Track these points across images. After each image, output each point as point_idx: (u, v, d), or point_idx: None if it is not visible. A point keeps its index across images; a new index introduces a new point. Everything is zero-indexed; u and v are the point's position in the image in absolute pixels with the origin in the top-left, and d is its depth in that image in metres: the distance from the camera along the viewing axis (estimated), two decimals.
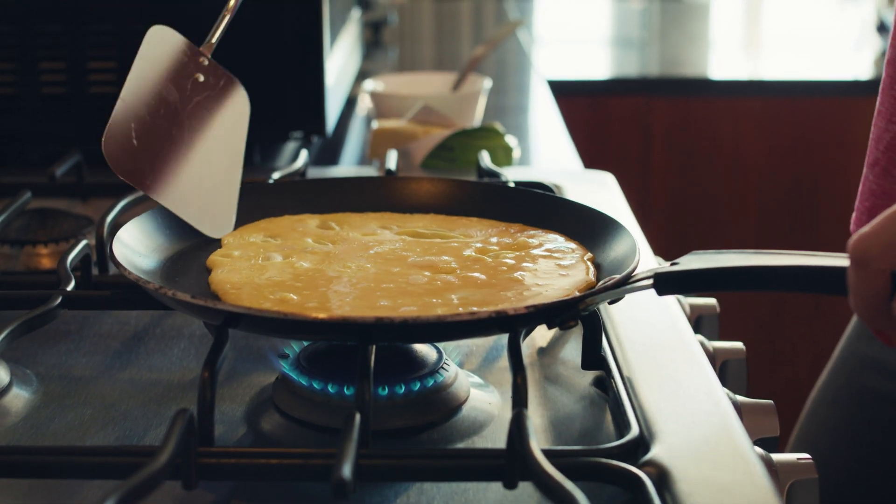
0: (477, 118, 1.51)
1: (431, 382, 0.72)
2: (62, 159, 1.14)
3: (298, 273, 0.78)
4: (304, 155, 1.14)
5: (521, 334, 0.70)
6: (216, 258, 0.82)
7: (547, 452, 0.59)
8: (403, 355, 0.74)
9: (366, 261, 0.81)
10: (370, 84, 1.58)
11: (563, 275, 0.78)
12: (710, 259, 0.69)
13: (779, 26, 3.24)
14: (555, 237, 0.86)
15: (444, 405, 0.72)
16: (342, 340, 0.73)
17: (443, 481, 0.64)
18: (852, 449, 1.08)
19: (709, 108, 2.32)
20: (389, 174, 1.08)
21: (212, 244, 0.85)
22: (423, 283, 0.77)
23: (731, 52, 2.92)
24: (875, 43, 2.66)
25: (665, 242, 2.10)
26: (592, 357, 0.76)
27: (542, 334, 0.85)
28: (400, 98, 1.50)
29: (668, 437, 0.65)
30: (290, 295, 0.74)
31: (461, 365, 0.80)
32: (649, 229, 1.20)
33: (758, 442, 0.72)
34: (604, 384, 0.75)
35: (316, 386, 0.71)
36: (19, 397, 0.75)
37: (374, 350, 0.68)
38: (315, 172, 1.24)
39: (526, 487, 0.61)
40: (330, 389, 0.71)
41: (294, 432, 0.70)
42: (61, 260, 0.85)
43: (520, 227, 0.88)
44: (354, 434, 0.59)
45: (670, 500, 0.59)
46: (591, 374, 0.78)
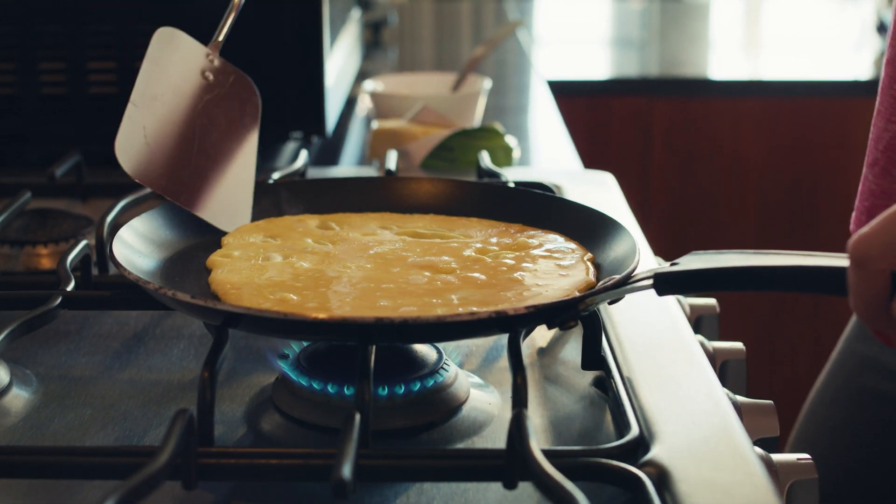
0: (477, 118, 1.51)
1: (431, 383, 0.72)
2: (62, 159, 1.14)
3: (298, 273, 0.78)
4: (303, 155, 1.14)
5: (521, 334, 0.70)
6: (216, 258, 0.82)
7: (547, 453, 0.59)
8: (403, 355, 0.74)
9: (366, 261, 0.81)
10: (370, 84, 1.58)
11: (563, 275, 0.78)
12: (710, 259, 0.69)
13: (779, 26, 3.24)
14: (555, 237, 0.86)
15: (444, 405, 0.72)
16: (342, 341, 0.73)
17: (443, 481, 0.64)
18: (851, 449, 1.08)
19: (709, 108, 2.32)
20: (389, 174, 1.08)
21: (212, 244, 0.85)
22: (423, 283, 0.77)
23: (730, 52, 2.92)
24: (875, 43, 2.66)
25: (665, 242, 2.10)
26: (592, 357, 0.76)
27: (542, 334, 0.85)
28: (400, 98, 1.50)
29: (668, 438, 0.65)
30: (290, 295, 0.74)
31: (461, 365, 0.80)
32: (649, 229, 1.20)
33: (758, 442, 0.72)
34: (604, 384, 0.75)
35: (316, 386, 0.71)
36: (19, 397, 0.75)
37: (374, 350, 0.68)
38: (315, 173, 1.24)
39: (526, 487, 0.61)
40: (330, 390, 0.71)
41: (294, 432, 0.70)
42: (61, 260, 0.85)
43: (520, 228, 0.88)
44: (354, 434, 0.59)
45: (670, 500, 0.59)
46: (590, 375, 0.78)
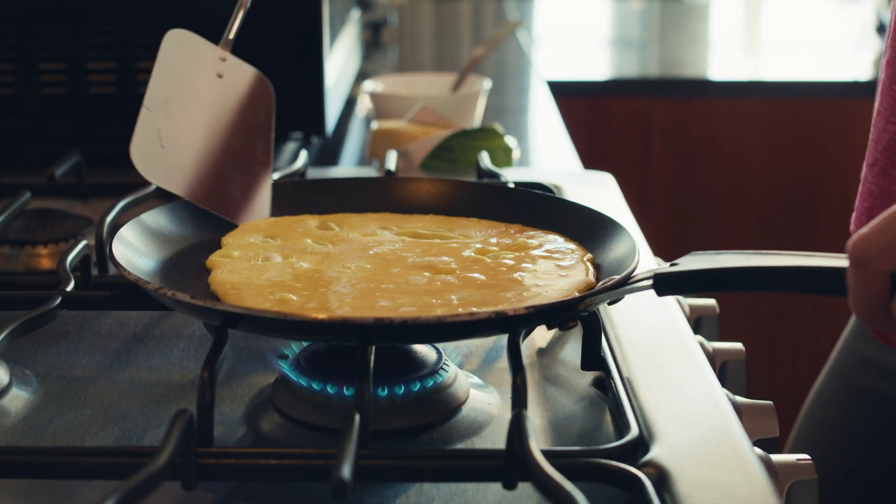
0: (476, 119, 1.51)
1: (431, 383, 0.72)
2: (62, 159, 1.14)
3: (298, 273, 0.78)
4: (303, 155, 1.14)
5: (520, 335, 0.70)
6: (216, 258, 0.82)
7: (546, 453, 0.59)
8: (403, 356, 0.74)
9: (365, 261, 0.81)
10: (370, 85, 1.58)
11: (563, 275, 0.78)
12: (710, 260, 0.69)
13: (778, 27, 3.24)
14: (554, 238, 0.86)
15: (444, 406, 0.72)
16: (342, 341, 0.73)
17: (442, 482, 0.64)
18: (851, 449, 1.08)
19: (709, 108, 2.32)
20: (389, 175, 1.08)
21: (211, 245, 0.85)
22: (423, 283, 0.77)
23: (730, 52, 2.92)
24: (874, 43, 2.66)
25: (665, 243, 2.10)
26: (592, 357, 0.76)
27: (542, 335, 0.85)
28: (399, 99, 1.50)
29: (668, 438, 0.65)
30: (290, 295, 0.74)
31: (461, 365, 0.80)
32: (649, 230, 1.20)
33: (757, 443, 0.72)
34: (603, 385, 0.75)
35: (315, 386, 0.71)
36: (19, 398, 0.75)
37: (374, 350, 0.68)
38: (315, 173, 1.24)
39: (525, 488, 0.61)
40: (329, 390, 0.71)
41: (294, 433, 0.70)
42: (61, 260, 0.85)
43: (519, 228, 0.88)
44: (354, 434, 0.59)
45: (670, 500, 0.59)
46: (590, 375, 0.78)
